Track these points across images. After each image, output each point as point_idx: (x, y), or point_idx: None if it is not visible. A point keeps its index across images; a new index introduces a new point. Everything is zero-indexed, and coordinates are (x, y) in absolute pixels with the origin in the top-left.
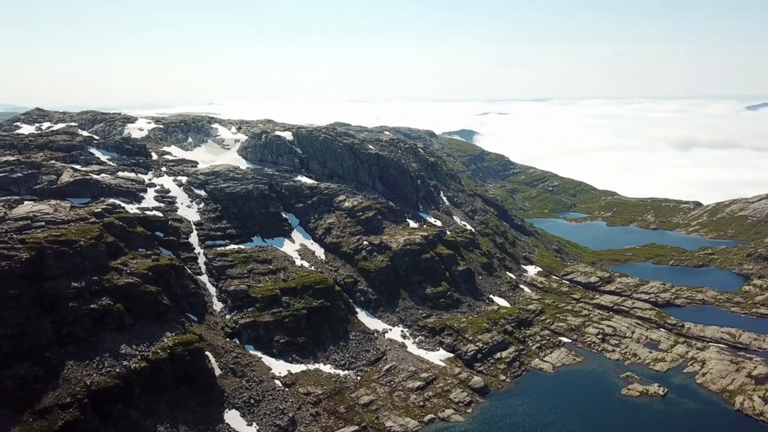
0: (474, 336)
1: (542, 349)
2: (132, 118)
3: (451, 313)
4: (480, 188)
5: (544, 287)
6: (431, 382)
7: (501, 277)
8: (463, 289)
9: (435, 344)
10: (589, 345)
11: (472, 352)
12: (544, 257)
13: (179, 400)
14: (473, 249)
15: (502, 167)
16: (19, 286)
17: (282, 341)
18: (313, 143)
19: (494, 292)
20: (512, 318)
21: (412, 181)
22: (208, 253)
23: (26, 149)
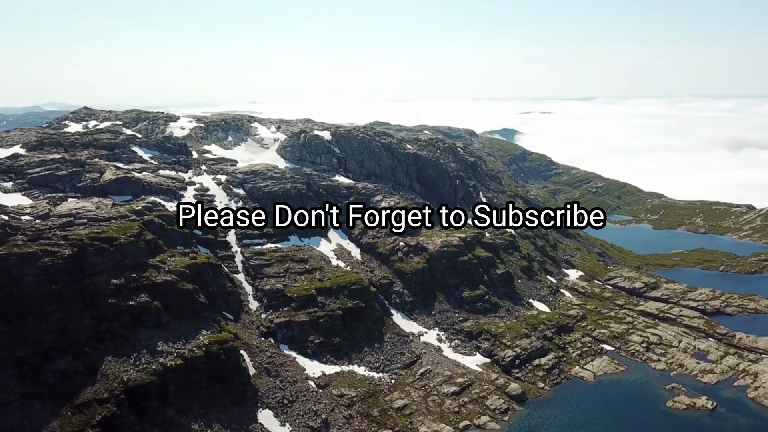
0: (512, 341)
1: (583, 357)
2: (174, 117)
3: (489, 317)
4: (521, 189)
5: (586, 292)
6: (467, 387)
7: (541, 281)
8: (502, 292)
9: (471, 349)
10: (632, 354)
11: (509, 358)
12: (586, 261)
13: (213, 399)
14: (513, 252)
15: (544, 167)
16: (61, 281)
17: (317, 342)
18: (351, 143)
19: (534, 296)
20: (552, 323)
21: (451, 181)
22: (245, 251)
23: (72, 147)
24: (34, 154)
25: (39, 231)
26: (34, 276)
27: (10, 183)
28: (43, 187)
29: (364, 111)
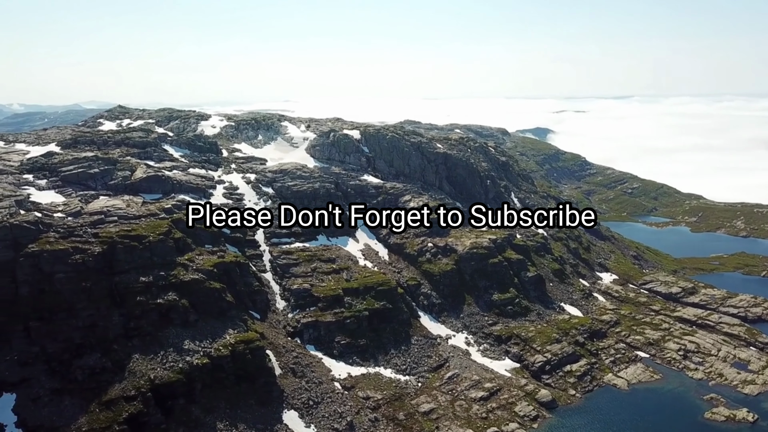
0: (542, 346)
1: (616, 364)
2: (206, 116)
3: (519, 321)
4: (554, 189)
5: (620, 296)
6: (495, 392)
7: (573, 284)
8: (533, 296)
9: (500, 353)
10: (668, 362)
11: (539, 364)
12: (620, 264)
13: (239, 398)
14: (544, 254)
15: (578, 167)
16: (91, 278)
17: (343, 342)
18: (380, 142)
19: (566, 300)
20: (584, 329)
21: (481, 181)
22: (273, 250)
23: (105, 145)
24: (68, 152)
25: (71, 228)
26: (65, 273)
27: (45, 180)
28: (76, 184)
29: (395, 109)
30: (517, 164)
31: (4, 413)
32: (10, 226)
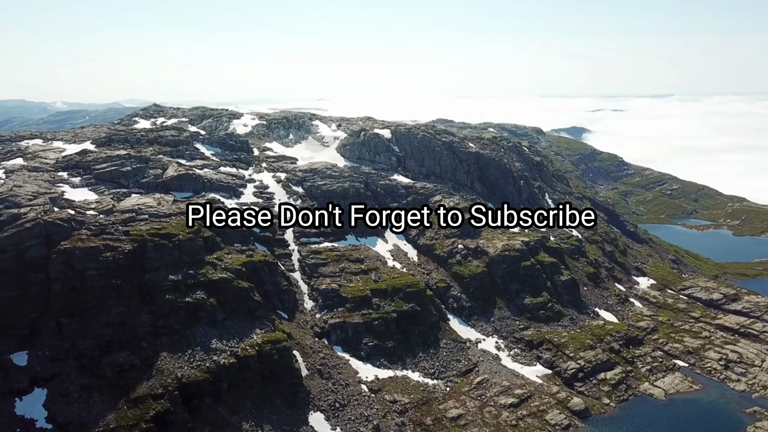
0: (575, 353)
1: (653, 373)
2: (238, 114)
3: (551, 326)
4: (589, 190)
5: (658, 302)
6: (526, 399)
7: (609, 289)
8: (566, 300)
9: (532, 359)
10: (709, 371)
11: (572, 371)
12: (658, 268)
13: (265, 399)
14: (579, 257)
15: (614, 168)
16: (121, 276)
17: (370, 344)
18: (411, 141)
19: (600, 305)
20: (620, 335)
21: (515, 181)
22: (302, 250)
23: (138, 144)
24: (102, 150)
25: (102, 226)
26: (96, 270)
27: (78, 178)
28: (109, 182)
29: (428, 108)
30: (551, 164)
31: (35, 408)
32: (44, 224)
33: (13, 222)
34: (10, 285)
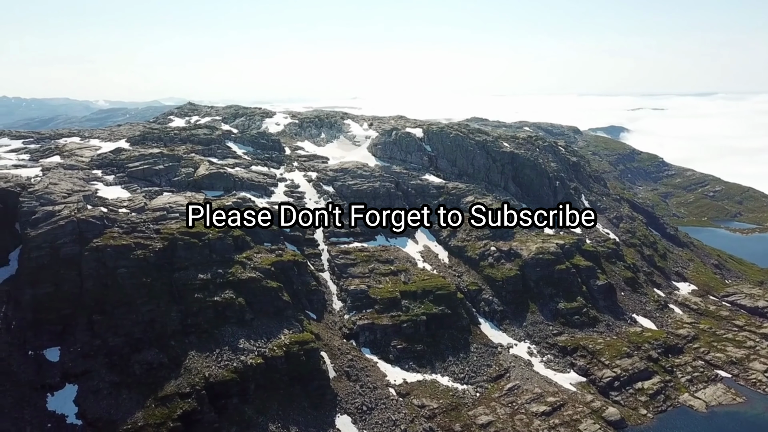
0: (611, 360)
1: (694, 383)
2: (270, 113)
3: (586, 332)
4: (628, 192)
5: (699, 309)
6: (559, 408)
7: (647, 294)
8: (602, 306)
9: (565, 365)
10: (754, 383)
11: (608, 379)
12: (700, 273)
13: (292, 400)
14: (616, 261)
15: (654, 168)
16: (151, 274)
17: (399, 347)
18: (443, 140)
19: (638, 311)
20: (658, 343)
21: (550, 182)
22: (331, 249)
23: (171, 142)
24: (136, 148)
25: (134, 224)
26: (127, 268)
27: (112, 176)
28: (141, 180)
29: (462, 106)
30: (588, 165)
31: (66, 404)
32: (77, 221)
33: (47, 219)
34: (45, 281)
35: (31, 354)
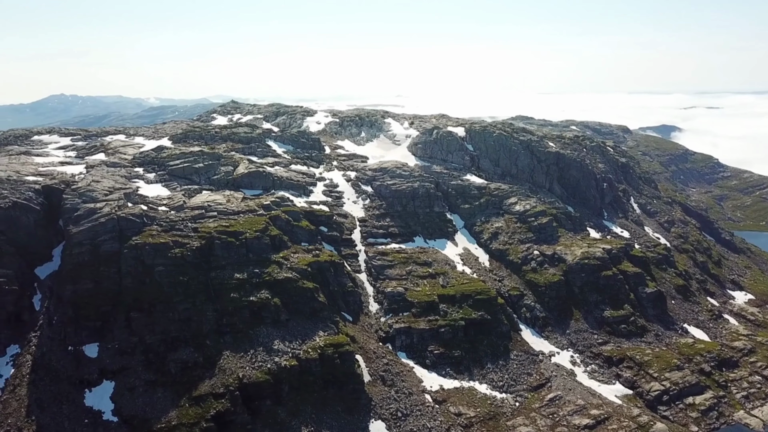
0: (660, 373)
1: (750, 400)
2: (312, 111)
3: (633, 342)
4: (680, 194)
5: (757, 320)
6: (602, 421)
7: (700, 303)
8: (651, 314)
9: (610, 377)
10: None
11: (656, 392)
12: (758, 282)
13: (326, 404)
14: (666, 268)
15: (708, 170)
16: (188, 273)
17: (436, 352)
18: (486, 140)
19: (690, 321)
20: (711, 356)
21: (597, 184)
22: (368, 250)
23: (212, 140)
24: (177, 146)
25: (172, 222)
26: (165, 266)
27: (153, 174)
28: (181, 178)
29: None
30: (638, 166)
31: (102, 400)
32: (117, 219)
33: (89, 216)
34: (85, 278)
35: (71, 349)
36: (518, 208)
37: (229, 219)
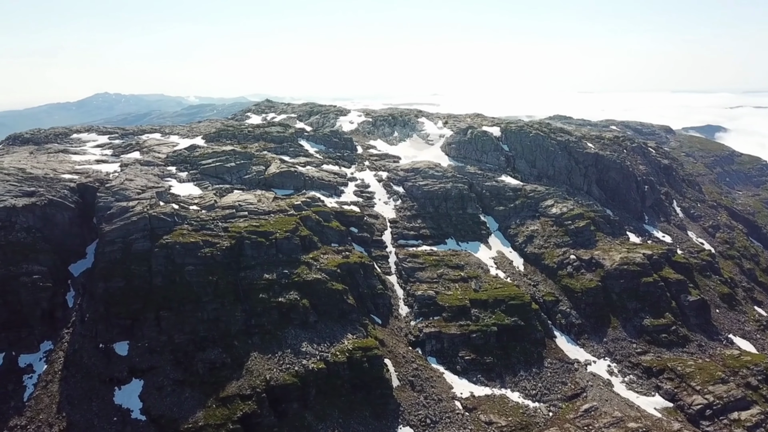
0: (703, 386)
1: None
2: (345, 111)
3: (675, 352)
4: (726, 197)
5: None
6: None
7: (747, 313)
8: (693, 324)
9: (649, 388)
10: None
11: (698, 406)
12: None
13: (353, 409)
14: (711, 275)
15: (756, 172)
16: (218, 273)
17: (467, 358)
18: (522, 140)
19: (735, 331)
20: (759, 369)
21: (638, 186)
22: (399, 252)
23: (245, 139)
24: (210, 145)
25: (203, 221)
26: (195, 265)
27: (185, 173)
28: (213, 177)
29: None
30: (681, 168)
31: (131, 399)
32: (149, 217)
33: (121, 215)
34: (117, 276)
35: (102, 347)
36: (555, 210)
37: (259, 219)
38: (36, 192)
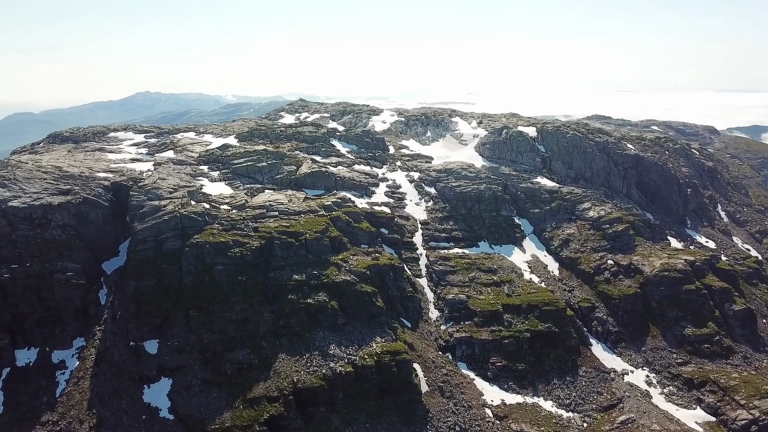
0: (749, 400)
1: None
2: (378, 110)
3: (718, 363)
4: None
5: None
6: None
7: None
8: (738, 334)
9: (690, 401)
10: None
11: (743, 422)
12: None
13: (381, 413)
14: (757, 283)
15: None
16: (247, 273)
17: (499, 364)
18: (559, 141)
19: None
20: None
21: (680, 189)
22: (430, 255)
23: (277, 139)
24: (242, 144)
25: (233, 221)
26: (224, 265)
27: (217, 172)
28: (245, 177)
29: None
30: (726, 170)
31: (160, 398)
32: (180, 217)
33: (153, 214)
34: (148, 274)
35: (132, 345)
36: (592, 213)
37: (289, 219)
38: (71, 190)
